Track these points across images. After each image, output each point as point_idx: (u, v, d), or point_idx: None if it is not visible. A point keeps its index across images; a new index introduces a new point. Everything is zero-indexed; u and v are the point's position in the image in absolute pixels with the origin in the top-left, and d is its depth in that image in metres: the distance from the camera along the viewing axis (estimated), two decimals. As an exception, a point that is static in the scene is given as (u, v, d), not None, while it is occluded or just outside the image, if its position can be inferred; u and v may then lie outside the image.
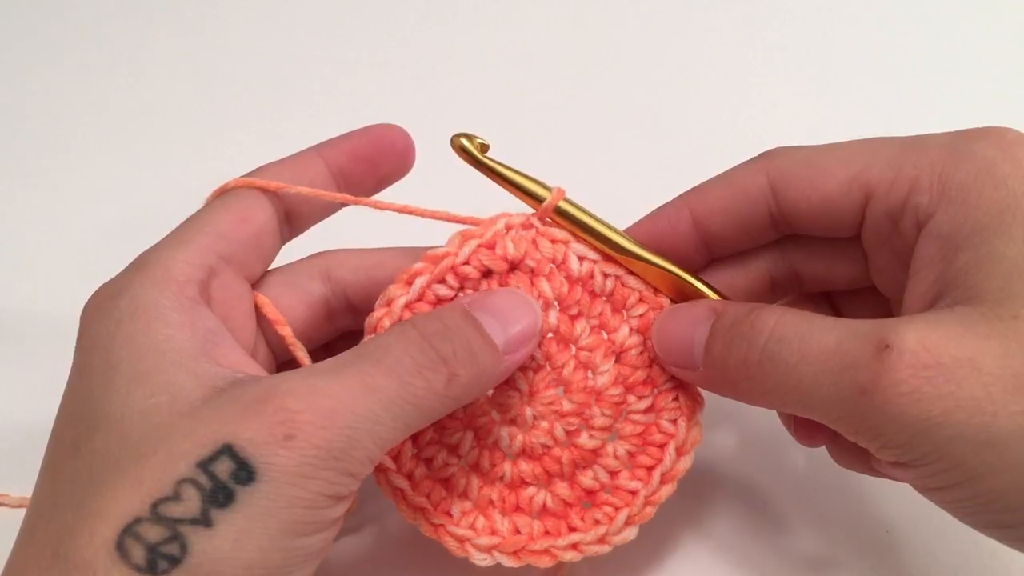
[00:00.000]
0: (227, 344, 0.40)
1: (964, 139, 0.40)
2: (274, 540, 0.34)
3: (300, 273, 0.46)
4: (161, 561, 0.32)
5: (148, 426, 0.35)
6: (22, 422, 0.54)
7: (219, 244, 0.42)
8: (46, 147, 0.71)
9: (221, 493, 0.33)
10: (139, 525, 0.33)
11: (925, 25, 0.78)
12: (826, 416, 0.38)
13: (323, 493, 0.35)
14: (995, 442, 0.34)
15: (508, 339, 0.41)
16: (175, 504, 0.33)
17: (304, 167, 0.45)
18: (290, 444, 0.34)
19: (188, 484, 0.33)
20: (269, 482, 0.34)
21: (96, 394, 0.37)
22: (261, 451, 0.34)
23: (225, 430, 0.34)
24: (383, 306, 0.44)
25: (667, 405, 0.45)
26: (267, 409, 0.34)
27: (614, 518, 0.44)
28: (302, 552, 0.35)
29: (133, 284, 0.39)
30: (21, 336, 0.60)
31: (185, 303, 0.39)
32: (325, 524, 0.36)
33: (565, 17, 0.80)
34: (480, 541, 0.43)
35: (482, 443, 0.45)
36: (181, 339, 0.38)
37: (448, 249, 0.44)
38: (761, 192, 0.44)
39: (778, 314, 0.39)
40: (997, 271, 0.37)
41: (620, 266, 0.45)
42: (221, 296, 0.42)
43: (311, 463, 0.34)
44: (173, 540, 0.33)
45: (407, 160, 0.47)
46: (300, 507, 0.34)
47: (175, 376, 0.36)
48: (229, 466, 0.34)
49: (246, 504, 0.33)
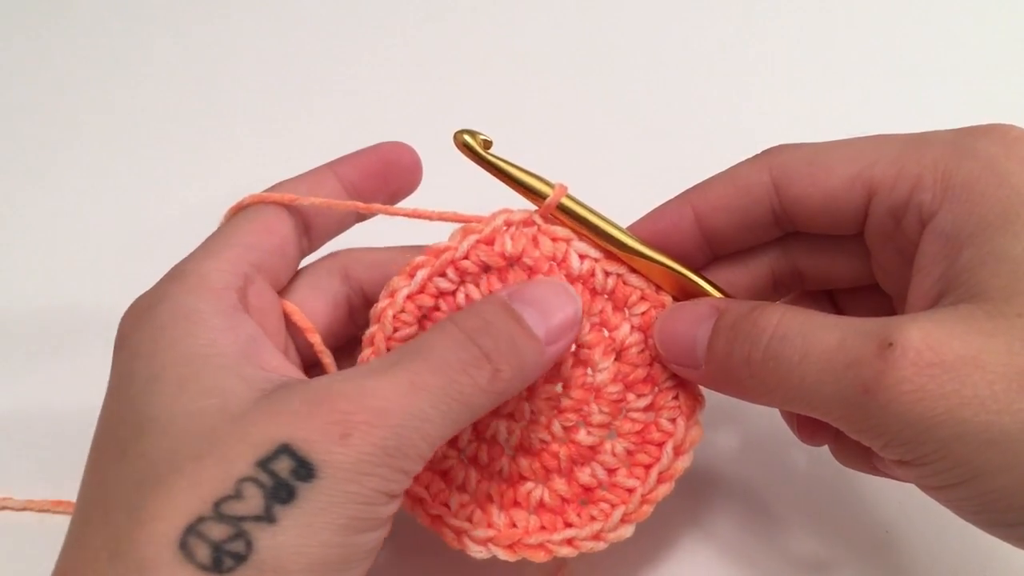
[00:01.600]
0: (268, 349, 0.40)
1: (967, 136, 0.40)
2: (335, 536, 0.34)
3: (320, 274, 0.47)
4: (227, 559, 0.33)
5: (199, 428, 0.35)
6: (23, 423, 0.54)
7: (249, 254, 0.43)
8: (50, 148, 0.72)
9: (283, 490, 0.34)
10: (202, 524, 0.33)
11: (927, 22, 0.78)
12: (829, 414, 0.38)
13: (379, 490, 0.35)
14: (999, 440, 0.34)
15: (549, 329, 0.41)
16: (238, 502, 0.33)
17: (319, 183, 0.46)
18: (347, 442, 0.34)
19: (249, 483, 0.34)
20: (328, 479, 0.34)
21: (140, 400, 0.37)
22: (318, 449, 0.34)
23: (281, 431, 0.35)
24: (386, 297, 0.44)
25: (667, 404, 0.45)
26: (321, 410, 0.35)
27: (610, 515, 0.44)
28: (360, 549, 0.36)
29: (171, 293, 0.40)
30: (21, 336, 0.60)
31: (226, 309, 0.40)
32: (380, 521, 0.36)
33: (568, 14, 0.80)
34: (476, 533, 0.44)
35: (481, 437, 0.45)
36: (224, 344, 0.38)
37: (449, 243, 0.44)
38: (764, 190, 0.44)
39: (780, 312, 0.39)
40: (1001, 269, 0.36)
41: (622, 264, 0.45)
42: (257, 304, 0.43)
43: (368, 460, 0.35)
44: (238, 538, 0.33)
45: (415, 177, 0.48)
46: (358, 503, 0.35)
47: (222, 380, 0.37)
48: (289, 464, 0.34)
49: (308, 500, 0.34)
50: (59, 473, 0.39)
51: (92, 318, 0.41)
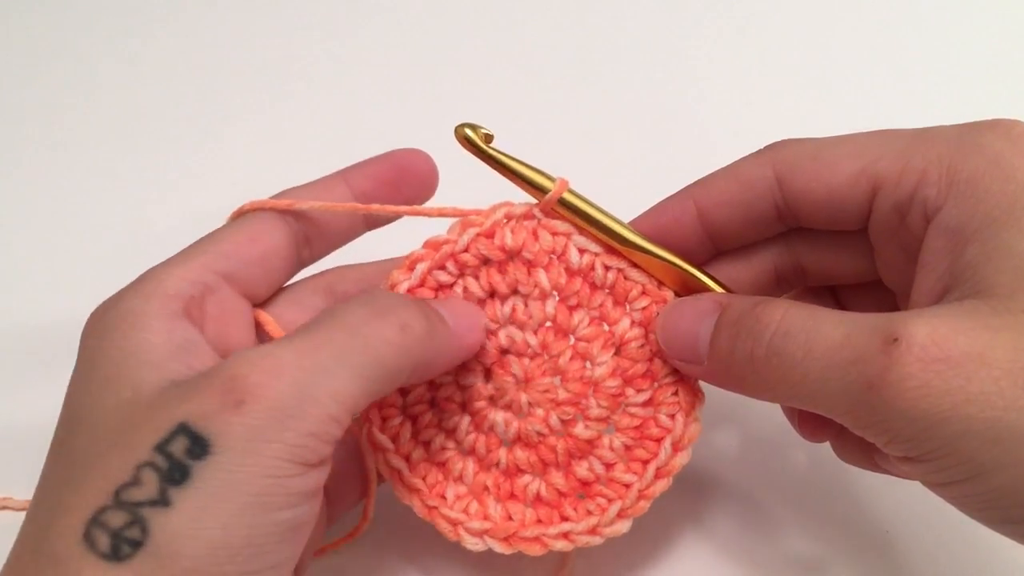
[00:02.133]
0: (204, 354, 0.39)
1: (972, 131, 0.40)
2: (237, 515, 0.33)
3: (303, 291, 0.47)
4: (124, 546, 0.32)
5: (114, 421, 0.35)
6: (22, 425, 0.55)
7: (219, 262, 0.42)
8: (48, 149, 0.73)
9: (177, 471, 0.33)
10: (103, 514, 0.33)
11: (930, 16, 0.77)
12: (833, 411, 0.38)
13: (283, 458, 0.34)
14: (1004, 437, 0.34)
15: (455, 322, 0.42)
16: (135, 488, 0.33)
17: (328, 191, 0.45)
18: (241, 410, 0.33)
19: (147, 468, 0.33)
20: (224, 452, 0.33)
21: (76, 400, 0.38)
22: (213, 422, 0.33)
23: (181, 410, 0.34)
24: (387, 289, 0.44)
25: (666, 400, 0.45)
26: (216, 382, 0.34)
27: (606, 510, 0.44)
28: (272, 529, 0.34)
29: (125, 297, 0.40)
30: (22, 337, 0.60)
31: (167, 313, 0.39)
32: (296, 497, 0.34)
33: (569, 9, 0.80)
34: (472, 525, 0.44)
35: (479, 428, 0.45)
36: (155, 343, 0.38)
37: (449, 236, 0.44)
38: (767, 185, 0.43)
39: (784, 308, 0.39)
40: (1007, 265, 0.36)
41: (623, 259, 0.45)
42: (217, 312, 0.42)
43: (264, 425, 0.33)
44: (134, 524, 0.32)
45: (430, 184, 0.47)
46: (261, 476, 0.33)
47: (141, 374, 0.37)
48: (184, 443, 0.33)
49: (203, 479, 0.33)
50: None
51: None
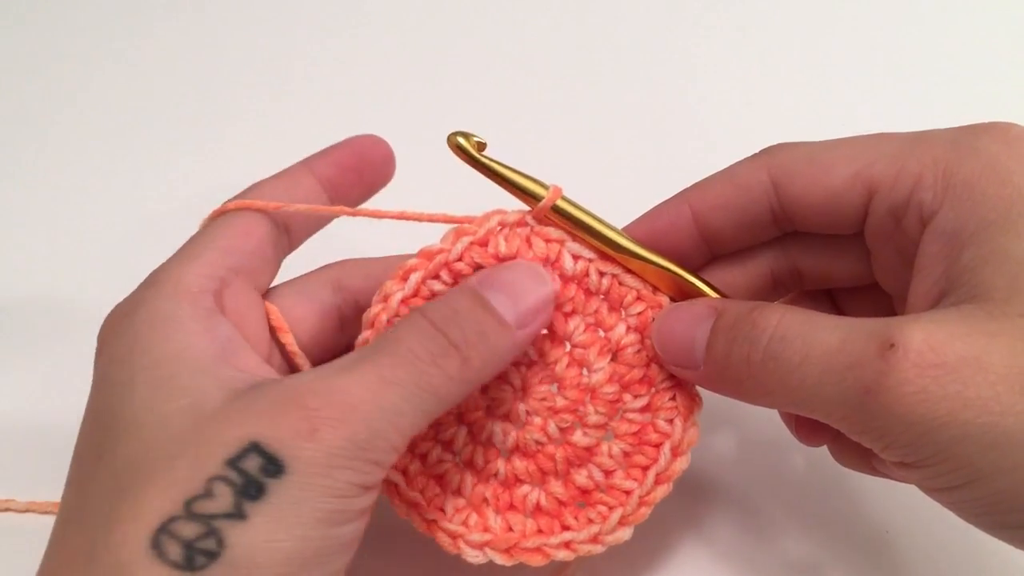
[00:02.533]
0: (244, 351, 0.41)
1: (968, 135, 0.40)
2: (308, 529, 0.34)
3: (311, 283, 0.47)
4: (199, 556, 0.33)
5: (173, 430, 0.36)
6: (25, 426, 0.54)
7: (226, 257, 0.43)
8: (45, 147, 0.72)
9: (253, 487, 0.34)
10: (174, 523, 0.33)
11: (925, 20, 0.78)
12: (829, 416, 0.38)
13: (351, 482, 0.36)
14: (1001, 442, 0.34)
15: (519, 313, 0.41)
16: (208, 501, 0.34)
17: (296, 181, 0.46)
18: (315, 437, 0.35)
19: (219, 481, 0.34)
20: (298, 474, 0.34)
21: (118, 405, 0.37)
22: (287, 446, 0.35)
23: (251, 429, 0.35)
24: (380, 301, 0.44)
25: (664, 404, 0.44)
26: (289, 408, 0.35)
27: (607, 517, 0.43)
28: (336, 541, 0.36)
29: (147, 299, 0.40)
30: (24, 338, 0.60)
31: (201, 312, 0.40)
32: (355, 513, 0.36)
33: (563, 14, 0.80)
34: (472, 538, 0.43)
35: (476, 439, 0.45)
36: (200, 346, 0.39)
37: (442, 245, 0.44)
38: (763, 189, 0.43)
39: (780, 312, 0.39)
40: (1003, 268, 0.36)
41: (618, 264, 0.45)
42: (234, 306, 0.43)
43: (337, 453, 0.35)
44: (209, 535, 0.33)
45: (388, 169, 0.48)
46: (330, 496, 0.35)
47: (196, 381, 0.37)
48: (258, 461, 0.34)
49: (278, 495, 0.34)
50: (62, 476, 0.39)
51: (96, 320, 0.41)
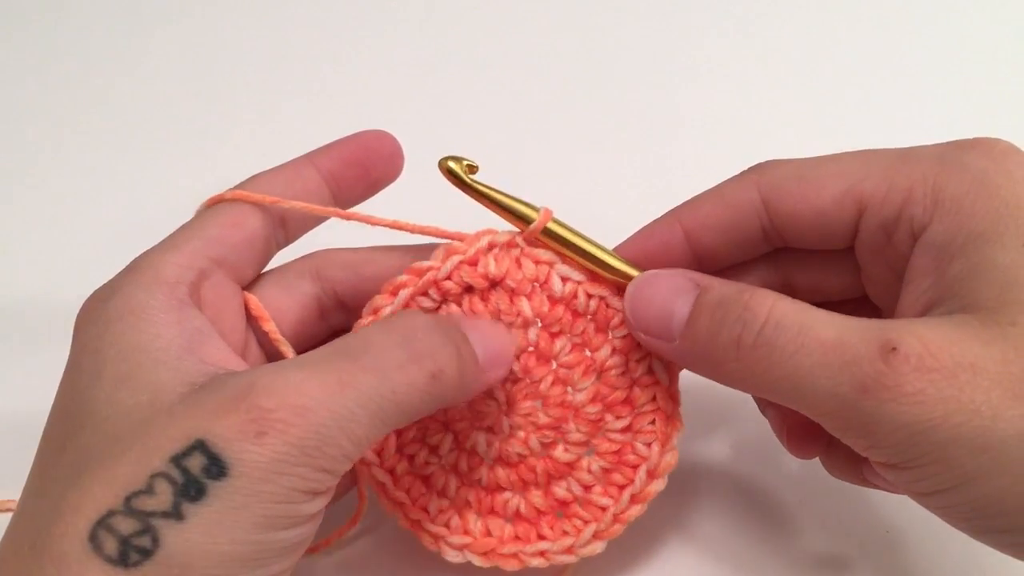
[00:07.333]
0: (214, 343, 0.40)
1: (956, 150, 0.40)
2: (246, 534, 0.34)
3: (290, 273, 0.47)
4: (133, 553, 0.33)
5: (129, 423, 0.36)
6: (25, 426, 0.56)
7: (210, 248, 0.43)
8: (45, 147, 0.72)
9: (193, 487, 0.34)
10: (112, 518, 0.33)
11: (918, 33, 0.77)
12: (815, 410, 0.38)
13: (296, 488, 0.35)
14: (992, 446, 0.35)
15: (485, 353, 0.41)
16: (148, 497, 0.34)
17: (297, 175, 0.45)
18: (262, 441, 0.34)
19: (161, 478, 0.34)
20: (240, 477, 0.34)
21: (84, 394, 0.38)
22: (233, 447, 0.34)
23: (199, 425, 0.35)
24: (369, 315, 0.45)
25: (644, 428, 0.45)
26: (240, 406, 0.35)
27: (581, 531, 0.45)
28: (276, 546, 0.36)
29: (124, 286, 0.40)
30: (24, 338, 0.61)
31: (174, 303, 0.40)
32: (300, 519, 0.36)
33: (557, 29, 0.79)
34: (453, 540, 0.45)
35: (461, 446, 0.46)
36: (168, 338, 0.38)
37: (432, 263, 0.44)
38: (753, 206, 0.43)
39: (773, 298, 0.39)
40: (992, 279, 0.37)
41: (606, 286, 0.45)
42: (211, 297, 0.43)
43: (283, 459, 0.35)
44: (145, 533, 0.33)
45: (396, 165, 0.47)
46: (272, 502, 0.35)
47: (157, 374, 0.37)
48: (201, 461, 0.34)
49: (218, 499, 0.34)
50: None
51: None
